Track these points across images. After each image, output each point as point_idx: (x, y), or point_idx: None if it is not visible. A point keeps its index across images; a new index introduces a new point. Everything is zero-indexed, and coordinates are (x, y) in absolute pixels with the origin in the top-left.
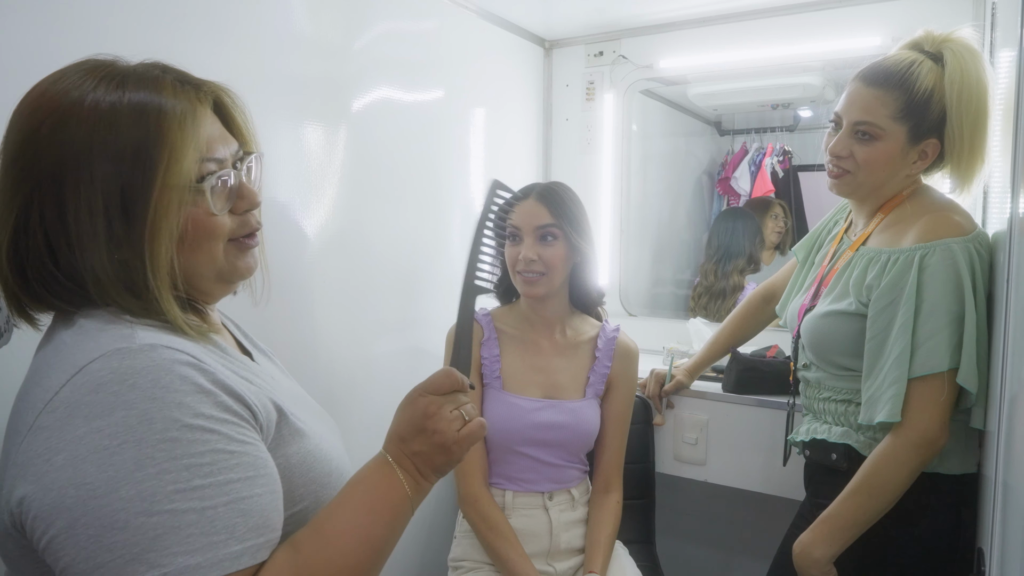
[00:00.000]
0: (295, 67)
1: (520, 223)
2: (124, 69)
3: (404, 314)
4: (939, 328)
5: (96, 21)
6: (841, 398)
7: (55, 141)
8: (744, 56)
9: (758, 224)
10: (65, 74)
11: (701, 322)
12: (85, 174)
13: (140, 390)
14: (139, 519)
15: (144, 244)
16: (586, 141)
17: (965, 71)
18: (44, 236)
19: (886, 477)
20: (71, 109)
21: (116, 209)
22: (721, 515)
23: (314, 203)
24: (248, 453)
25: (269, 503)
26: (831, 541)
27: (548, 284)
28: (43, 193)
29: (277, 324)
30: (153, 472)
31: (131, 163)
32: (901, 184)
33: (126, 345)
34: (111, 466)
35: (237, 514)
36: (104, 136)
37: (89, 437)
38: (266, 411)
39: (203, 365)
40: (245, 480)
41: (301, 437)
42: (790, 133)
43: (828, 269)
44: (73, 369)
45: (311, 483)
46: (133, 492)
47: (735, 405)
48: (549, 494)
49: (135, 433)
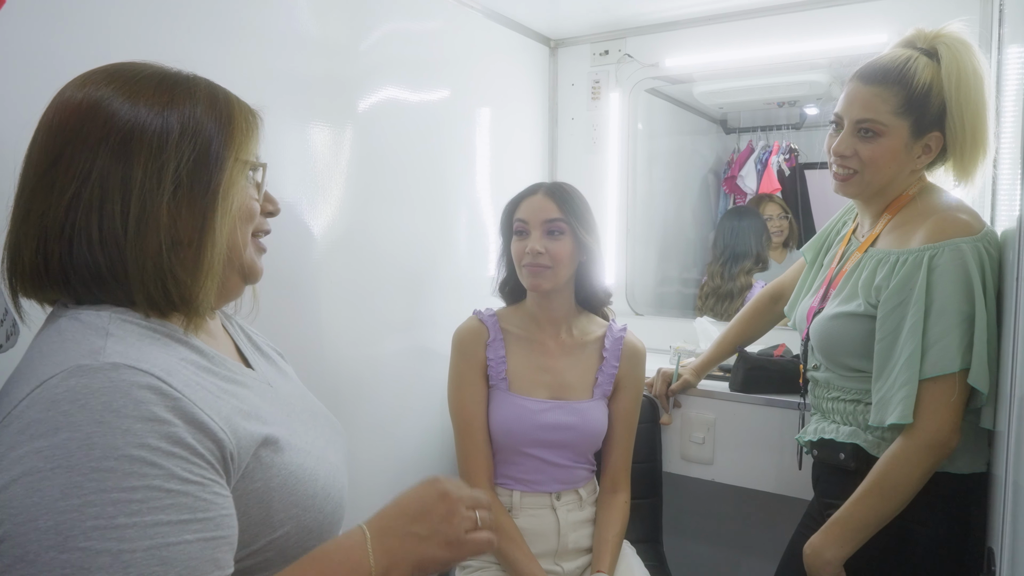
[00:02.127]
0: (301, 67)
1: (528, 217)
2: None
3: (410, 314)
4: (949, 329)
5: (101, 20)
6: (850, 398)
7: (127, 116)
8: (750, 54)
9: (764, 222)
10: (120, 68)
11: (708, 321)
12: (156, 144)
13: (89, 411)
14: (49, 554)
15: (210, 213)
16: (592, 140)
17: (961, 63)
18: (99, 217)
19: (898, 479)
20: (134, 89)
21: (185, 177)
22: (728, 514)
23: (320, 203)
24: (189, 493)
25: (199, 551)
26: (843, 543)
27: (554, 278)
28: (107, 170)
29: (283, 324)
30: (77, 503)
31: (207, 136)
32: (906, 182)
33: (88, 362)
34: (37, 491)
35: (157, 562)
36: (183, 111)
37: (27, 458)
38: (238, 436)
39: (171, 390)
40: (175, 524)
41: (285, 455)
42: (796, 131)
43: (836, 271)
44: (36, 382)
45: (292, 507)
46: (51, 523)
47: (742, 404)
48: (556, 494)
49: (72, 458)
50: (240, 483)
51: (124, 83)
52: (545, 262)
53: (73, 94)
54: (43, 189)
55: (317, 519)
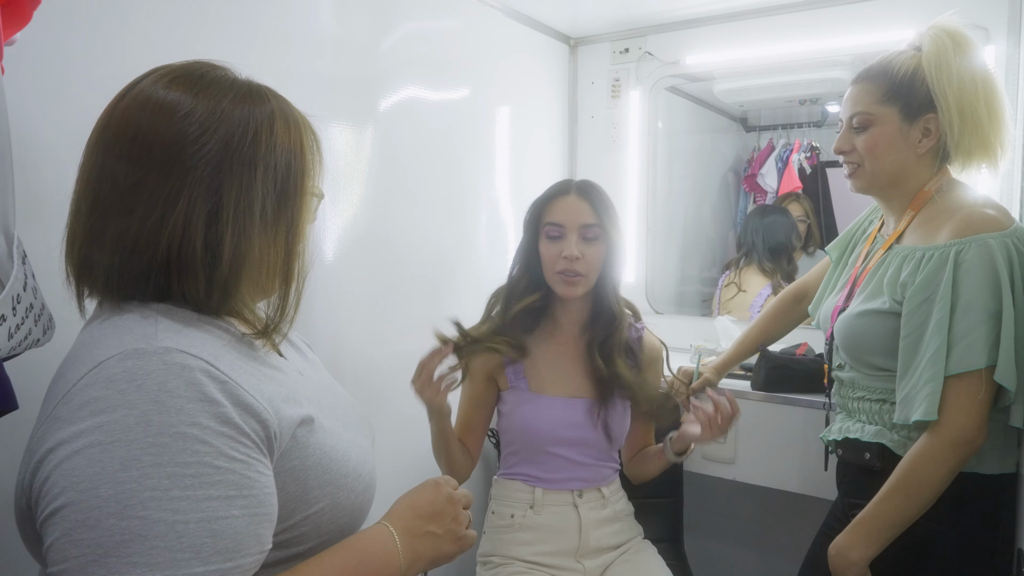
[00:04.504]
0: (323, 67)
1: (563, 220)
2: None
3: (430, 312)
4: (976, 324)
5: (124, 22)
6: (876, 397)
7: (220, 140)
8: (771, 51)
9: (792, 220)
10: (211, 75)
11: (729, 320)
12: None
13: (146, 391)
14: (110, 520)
15: (294, 224)
16: (612, 139)
17: (941, 46)
18: (188, 225)
19: (923, 477)
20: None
21: (271, 194)
22: (750, 514)
23: (342, 202)
24: (235, 471)
25: (244, 527)
26: (868, 543)
27: (587, 284)
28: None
29: (305, 322)
30: (136, 475)
31: (292, 155)
32: (922, 174)
33: (143, 346)
34: (98, 462)
35: (207, 534)
36: (271, 136)
37: (89, 432)
38: (280, 417)
39: (219, 373)
40: (224, 499)
41: (320, 436)
42: (818, 129)
43: (861, 269)
44: (93, 363)
45: (327, 484)
46: (111, 492)
47: (765, 403)
48: (579, 492)
49: (130, 433)
50: (279, 461)
51: (208, 102)
52: (580, 268)
53: (152, 115)
54: (122, 209)
55: (350, 497)
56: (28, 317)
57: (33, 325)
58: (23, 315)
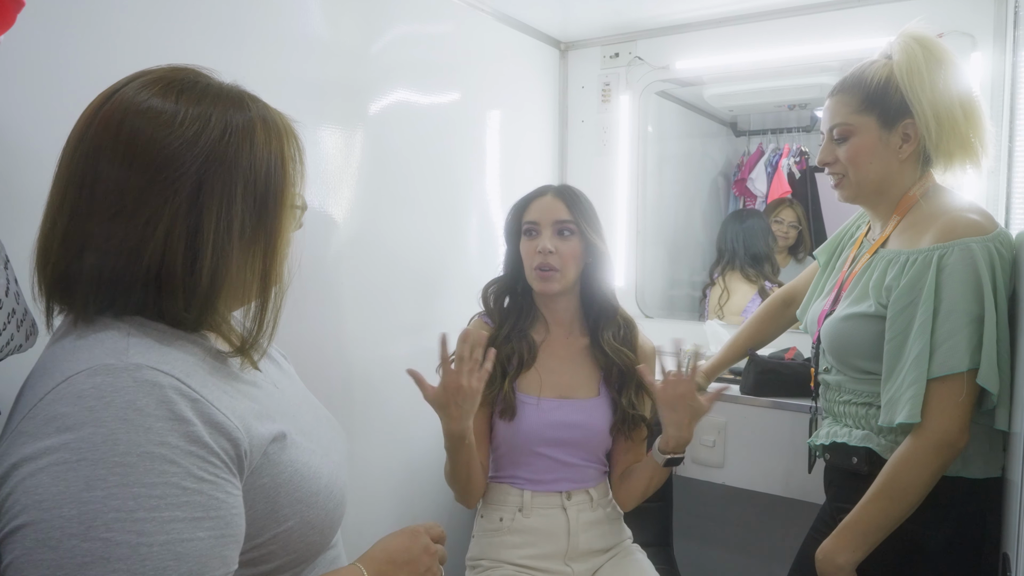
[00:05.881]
0: (313, 71)
1: (538, 218)
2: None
3: (421, 316)
4: (958, 328)
5: (112, 24)
6: (862, 401)
7: (203, 151)
8: (760, 56)
9: (767, 224)
10: (197, 85)
11: (718, 324)
12: (230, 178)
13: (114, 409)
14: (72, 541)
15: (273, 239)
16: (602, 143)
17: (910, 52)
18: (172, 241)
19: (907, 480)
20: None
21: (250, 210)
22: (739, 518)
23: (331, 206)
24: (203, 492)
25: (209, 549)
26: (853, 547)
27: (562, 280)
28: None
29: (294, 326)
30: (100, 495)
31: (272, 168)
32: (905, 179)
33: (113, 362)
34: (63, 481)
35: (171, 556)
36: (252, 149)
37: (54, 449)
38: (251, 435)
39: (190, 391)
40: (190, 520)
41: (291, 453)
42: (807, 134)
43: (848, 273)
44: (61, 378)
45: (297, 503)
46: (75, 512)
47: (753, 407)
48: (567, 493)
49: (96, 452)
50: (249, 479)
51: (190, 116)
52: (554, 263)
53: (133, 122)
54: (102, 219)
55: (320, 515)
56: (10, 322)
57: (15, 331)
58: (4, 320)
